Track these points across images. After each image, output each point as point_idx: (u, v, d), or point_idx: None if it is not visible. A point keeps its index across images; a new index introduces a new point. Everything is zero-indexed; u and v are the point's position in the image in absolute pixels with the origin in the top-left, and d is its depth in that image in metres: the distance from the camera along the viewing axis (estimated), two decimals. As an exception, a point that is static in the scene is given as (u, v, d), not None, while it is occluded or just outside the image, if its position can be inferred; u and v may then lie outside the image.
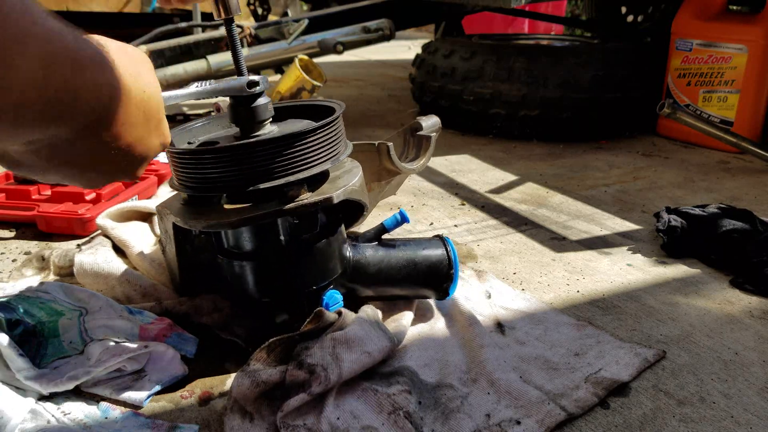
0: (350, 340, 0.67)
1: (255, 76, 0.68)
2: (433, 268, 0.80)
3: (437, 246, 0.81)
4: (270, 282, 0.74)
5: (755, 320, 0.87)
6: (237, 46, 0.71)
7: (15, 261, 1.01)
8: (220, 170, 0.66)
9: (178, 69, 1.88)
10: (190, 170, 0.68)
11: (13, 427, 0.60)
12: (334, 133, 0.71)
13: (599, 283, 0.98)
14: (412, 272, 0.79)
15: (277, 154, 0.66)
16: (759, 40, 1.69)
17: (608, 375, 0.72)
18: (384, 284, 0.80)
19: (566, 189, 1.44)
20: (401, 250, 0.80)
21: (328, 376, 0.63)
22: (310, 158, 0.68)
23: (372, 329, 0.70)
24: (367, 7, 2.12)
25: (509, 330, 0.82)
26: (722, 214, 1.10)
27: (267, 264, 0.73)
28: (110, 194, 1.21)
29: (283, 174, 0.66)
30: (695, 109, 1.82)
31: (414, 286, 0.81)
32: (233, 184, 0.66)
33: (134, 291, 0.85)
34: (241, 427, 0.62)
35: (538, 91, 1.83)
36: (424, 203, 1.32)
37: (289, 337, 0.69)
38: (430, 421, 0.64)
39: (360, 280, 0.79)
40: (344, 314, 0.72)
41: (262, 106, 0.69)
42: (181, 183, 0.70)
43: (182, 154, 0.68)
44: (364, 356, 0.67)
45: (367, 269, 0.78)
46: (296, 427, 0.60)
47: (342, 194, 0.70)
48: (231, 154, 0.65)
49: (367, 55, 3.96)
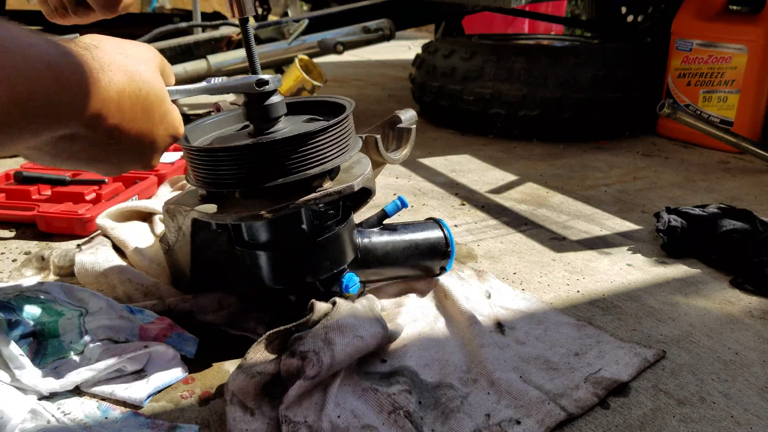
0: (342, 326, 0.68)
1: (266, 75, 0.70)
2: (432, 248, 0.87)
3: (434, 228, 0.89)
4: (290, 269, 0.77)
5: (755, 320, 0.87)
6: (252, 45, 0.73)
7: (15, 261, 1.01)
8: (255, 164, 0.68)
9: (178, 69, 1.88)
10: (223, 167, 0.69)
11: (13, 427, 0.60)
12: (350, 126, 0.76)
13: (599, 283, 0.98)
14: (414, 253, 0.86)
15: (310, 147, 0.69)
16: (759, 40, 1.69)
17: (608, 375, 0.72)
18: (390, 266, 0.86)
19: (566, 189, 1.44)
20: (403, 233, 0.87)
21: (321, 359, 0.64)
22: (335, 150, 0.72)
23: (365, 316, 0.72)
24: (367, 7, 2.11)
25: (509, 330, 0.82)
26: (722, 214, 1.10)
27: (289, 252, 0.76)
28: (110, 194, 1.21)
29: (315, 165, 0.70)
30: (695, 109, 1.82)
31: (416, 266, 0.88)
32: (269, 177, 0.69)
33: (136, 290, 0.85)
34: (242, 419, 0.62)
35: (538, 91, 1.83)
36: (424, 203, 1.32)
37: (286, 329, 0.70)
38: (430, 420, 0.64)
39: (369, 264, 0.84)
40: (338, 304, 0.73)
41: (277, 104, 0.72)
42: (209, 180, 0.71)
43: (216, 151, 0.70)
44: (356, 340, 0.68)
45: (375, 253, 0.84)
46: (297, 424, 0.61)
47: (361, 182, 0.74)
48: (271, 149, 0.68)
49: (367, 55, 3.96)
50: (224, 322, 0.80)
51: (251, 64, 0.72)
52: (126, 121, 0.51)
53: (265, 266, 0.76)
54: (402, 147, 0.93)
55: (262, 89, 0.70)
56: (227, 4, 0.87)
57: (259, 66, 0.73)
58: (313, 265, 0.77)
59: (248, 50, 0.72)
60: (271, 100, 0.72)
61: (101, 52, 0.50)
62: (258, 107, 0.72)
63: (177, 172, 1.40)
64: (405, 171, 1.57)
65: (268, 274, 0.77)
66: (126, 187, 1.27)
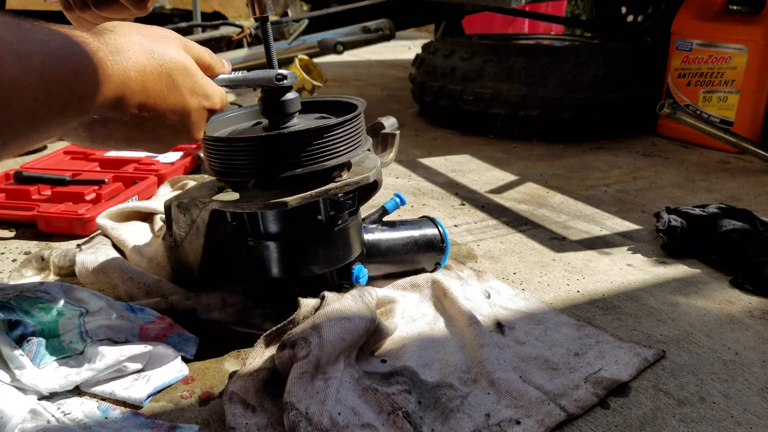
0: (328, 313, 0.70)
1: (284, 71, 0.72)
2: (429, 243, 0.93)
3: (430, 225, 0.95)
4: (304, 260, 0.79)
5: (755, 320, 0.87)
6: (270, 42, 0.75)
7: (15, 261, 1.01)
8: (282, 153, 0.71)
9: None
10: (243, 156, 0.72)
11: (13, 427, 0.60)
12: (363, 122, 0.80)
13: (599, 283, 0.98)
14: (413, 248, 0.92)
15: (333, 138, 0.73)
16: (759, 40, 1.69)
17: (608, 375, 0.72)
18: (392, 260, 0.91)
19: (566, 189, 1.44)
20: (402, 230, 0.92)
21: (309, 341, 0.66)
22: (353, 142, 0.76)
23: (352, 303, 0.73)
24: (367, 7, 2.11)
25: (509, 330, 0.82)
26: (722, 214, 1.10)
27: (304, 243, 0.78)
28: (110, 194, 1.21)
29: (337, 155, 0.73)
30: (695, 109, 1.82)
31: (414, 261, 0.93)
32: (293, 166, 0.71)
33: (138, 289, 0.85)
34: (243, 414, 0.63)
35: (538, 91, 1.83)
36: (424, 203, 1.32)
37: (278, 328, 0.72)
38: (430, 420, 0.64)
39: (373, 257, 0.88)
40: (327, 298, 0.74)
41: (293, 99, 0.75)
42: (230, 169, 0.73)
43: (246, 141, 0.72)
44: (343, 321, 0.69)
45: (379, 247, 0.89)
46: (299, 413, 0.61)
47: (375, 174, 0.78)
48: (301, 139, 0.71)
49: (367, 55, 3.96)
50: (230, 319, 0.81)
51: (269, 61, 0.75)
52: (152, 99, 0.52)
53: (279, 257, 0.78)
54: (388, 150, 0.96)
55: (281, 83, 0.71)
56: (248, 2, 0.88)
57: (276, 63, 0.75)
58: (327, 256, 0.80)
59: (267, 48, 0.75)
60: (288, 95, 0.74)
61: (116, 35, 0.51)
62: (276, 102, 0.74)
63: (177, 172, 1.40)
64: (405, 171, 1.57)
65: (282, 265, 0.79)
66: (126, 187, 1.27)
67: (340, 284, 0.83)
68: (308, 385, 0.64)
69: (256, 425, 0.62)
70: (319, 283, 0.81)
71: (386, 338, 0.78)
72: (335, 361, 0.67)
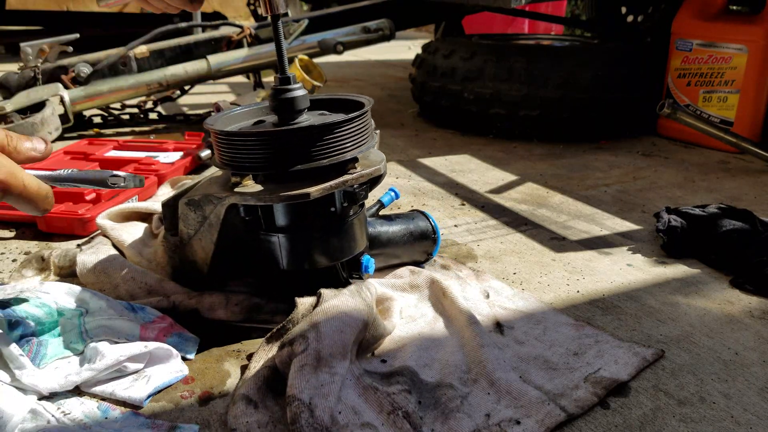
0: (326, 310, 0.71)
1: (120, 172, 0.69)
2: (423, 235, 0.97)
3: (422, 219, 0.99)
4: (318, 251, 0.81)
5: (755, 320, 0.87)
6: (282, 42, 0.77)
7: (15, 261, 1.01)
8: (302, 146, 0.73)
9: (178, 69, 1.88)
10: (263, 150, 0.74)
11: (13, 427, 0.60)
12: (370, 117, 0.83)
13: (599, 283, 0.98)
14: (409, 239, 0.96)
15: (348, 131, 0.76)
16: (759, 40, 1.69)
17: (607, 374, 0.72)
18: (391, 252, 0.94)
19: (566, 189, 1.44)
20: (398, 223, 0.96)
21: (306, 337, 0.67)
22: (366, 136, 0.79)
23: (349, 298, 0.74)
24: (367, 7, 2.11)
25: (508, 330, 0.82)
26: (722, 214, 1.10)
27: (319, 234, 0.80)
28: (110, 194, 1.21)
29: (352, 148, 0.76)
30: (695, 109, 1.82)
31: (410, 252, 0.97)
32: (313, 158, 0.74)
33: (139, 288, 0.85)
34: (245, 412, 0.63)
35: (538, 91, 1.83)
36: (424, 203, 1.32)
37: (282, 326, 0.73)
38: (430, 420, 0.64)
39: (374, 249, 0.91)
40: (323, 295, 0.75)
41: (302, 97, 0.78)
42: (247, 163, 0.75)
43: (267, 134, 0.74)
44: (341, 315, 0.70)
45: (380, 239, 0.92)
46: (301, 404, 0.61)
47: (383, 167, 0.81)
48: (329, 131, 0.74)
49: (367, 55, 3.96)
50: (236, 317, 0.81)
51: (280, 61, 0.77)
52: None
53: (291, 249, 0.80)
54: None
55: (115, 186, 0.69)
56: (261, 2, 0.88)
57: (287, 63, 0.77)
58: (339, 247, 0.82)
59: (278, 48, 0.77)
60: (297, 93, 0.77)
61: None
62: (286, 99, 0.77)
63: (177, 172, 1.40)
64: (405, 171, 1.57)
65: (295, 257, 0.80)
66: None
67: (350, 275, 0.85)
68: (311, 377, 0.64)
69: (257, 423, 0.62)
70: (329, 275, 0.83)
71: (385, 337, 0.78)
72: (341, 356, 0.68)
